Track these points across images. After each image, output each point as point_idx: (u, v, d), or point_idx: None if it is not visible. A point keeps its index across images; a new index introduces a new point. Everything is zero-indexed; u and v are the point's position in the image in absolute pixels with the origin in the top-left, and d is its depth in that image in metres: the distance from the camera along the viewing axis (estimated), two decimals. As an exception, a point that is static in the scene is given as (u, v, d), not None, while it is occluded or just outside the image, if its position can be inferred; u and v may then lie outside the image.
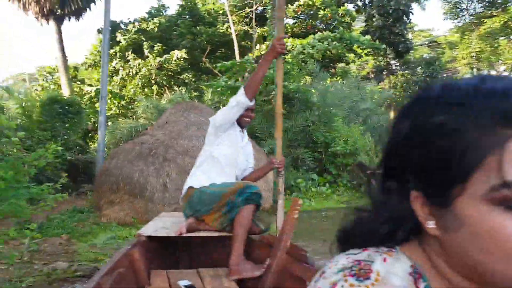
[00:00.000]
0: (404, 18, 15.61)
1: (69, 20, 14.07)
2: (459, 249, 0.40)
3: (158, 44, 13.13)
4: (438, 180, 0.39)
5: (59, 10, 13.24)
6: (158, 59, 13.04)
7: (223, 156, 2.41)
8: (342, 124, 8.53)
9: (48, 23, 13.62)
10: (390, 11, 14.46)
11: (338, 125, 8.50)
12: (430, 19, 48.33)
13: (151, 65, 13.08)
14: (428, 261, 0.44)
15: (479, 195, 0.36)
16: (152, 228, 2.47)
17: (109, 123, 11.25)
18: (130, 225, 4.91)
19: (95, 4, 14.08)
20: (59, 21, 13.76)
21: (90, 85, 15.57)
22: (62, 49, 13.65)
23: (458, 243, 0.40)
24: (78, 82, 15.04)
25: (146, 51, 13.10)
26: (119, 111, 13.27)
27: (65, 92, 12.81)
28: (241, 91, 2.30)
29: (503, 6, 24.67)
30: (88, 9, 14.34)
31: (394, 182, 0.45)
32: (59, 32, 13.70)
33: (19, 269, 2.60)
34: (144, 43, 13.05)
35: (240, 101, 2.29)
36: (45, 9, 13.27)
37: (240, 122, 2.49)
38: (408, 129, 0.41)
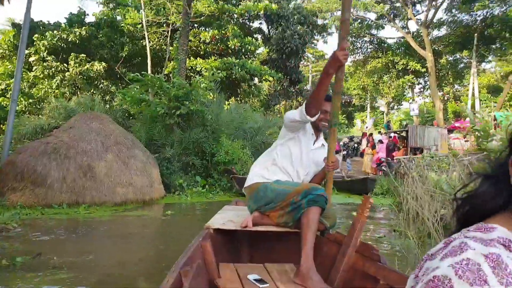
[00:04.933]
0: (299, 52, 18.67)
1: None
2: None
3: (82, 54, 13.97)
4: None
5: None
6: (81, 68, 13.89)
7: (285, 156, 2.43)
8: (226, 139, 10.62)
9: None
10: (284, 48, 17.32)
11: (223, 140, 10.57)
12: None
13: (73, 71, 13.84)
14: None
15: None
16: (219, 220, 2.49)
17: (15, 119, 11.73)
18: (30, 207, 6.24)
19: (9, 2, 14.22)
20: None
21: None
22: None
23: None
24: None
25: (71, 61, 13.85)
26: (25, 108, 13.68)
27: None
28: (303, 109, 2.22)
29: (386, 50, 29.94)
30: (0, 4, 14.37)
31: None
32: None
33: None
34: (72, 54, 13.81)
35: (302, 118, 2.26)
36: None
37: (317, 125, 2.47)
38: None
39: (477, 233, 0.54)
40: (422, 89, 33.76)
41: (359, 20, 27.38)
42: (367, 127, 26.55)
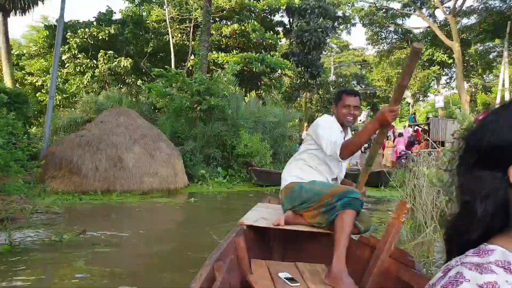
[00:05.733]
0: (321, 45, 18.77)
1: (15, 15, 14.87)
2: None
3: (110, 51, 14.74)
4: None
5: (7, 6, 13.97)
6: (109, 64, 14.70)
7: (314, 159, 2.44)
8: (246, 133, 11.05)
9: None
10: (306, 42, 17.44)
11: (242, 133, 11.01)
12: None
13: (102, 68, 14.68)
14: None
15: None
16: (252, 217, 2.51)
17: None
18: (69, 193, 6.93)
19: (42, 3, 15.11)
20: (6, 13, 14.49)
21: (31, 74, 16.60)
22: (7, 40, 14.44)
23: None
24: (22, 71, 15.99)
25: (100, 58, 14.68)
26: (60, 103, 14.62)
27: (6, 80, 13.83)
28: (338, 148, 2.21)
29: (412, 41, 29.22)
30: (35, 5, 15.27)
31: (487, 171, 0.56)
32: (5, 24, 14.44)
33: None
34: (101, 51, 14.60)
35: (332, 156, 2.28)
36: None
37: (342, 121, 2.44)
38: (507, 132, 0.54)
39: (474, 258, 0.53)
40: (448, 80, 32.82)
41: (383, 10, 26.91)
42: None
